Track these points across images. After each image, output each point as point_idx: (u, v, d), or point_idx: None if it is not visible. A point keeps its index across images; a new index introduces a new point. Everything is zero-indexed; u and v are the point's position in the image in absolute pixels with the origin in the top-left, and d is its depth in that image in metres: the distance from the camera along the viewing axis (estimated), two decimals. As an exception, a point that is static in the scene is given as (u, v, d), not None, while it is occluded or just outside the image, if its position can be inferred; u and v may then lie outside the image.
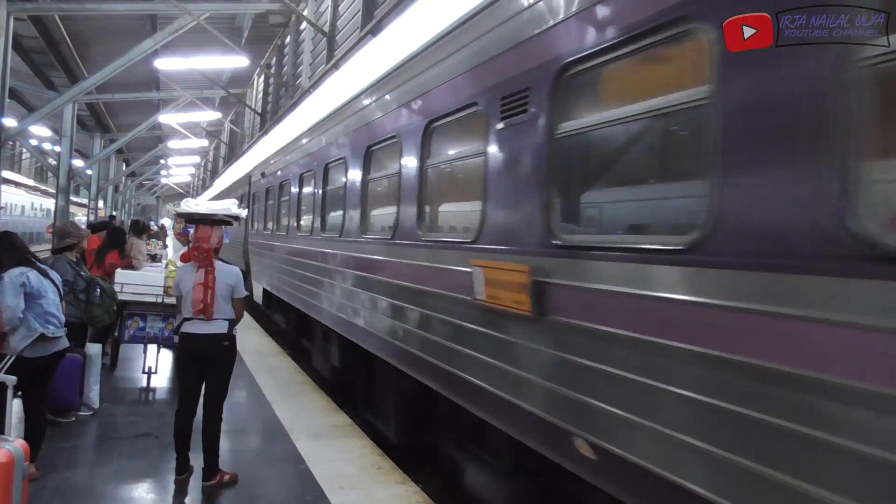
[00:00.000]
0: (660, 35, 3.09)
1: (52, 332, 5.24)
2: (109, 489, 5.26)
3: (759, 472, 2.45)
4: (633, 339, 3.08)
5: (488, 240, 4.46)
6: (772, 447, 2.42)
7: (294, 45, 24.56)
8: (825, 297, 2.29)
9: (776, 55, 2.48)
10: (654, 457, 2.95)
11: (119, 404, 7.54)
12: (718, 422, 2.63)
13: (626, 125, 3.56)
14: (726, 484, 2.59)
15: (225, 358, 5.43)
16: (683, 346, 2.80)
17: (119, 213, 49.76)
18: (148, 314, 8.42)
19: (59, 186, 21.99)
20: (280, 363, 10.51)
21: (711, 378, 2.68)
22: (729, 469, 2.56)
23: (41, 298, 5.23)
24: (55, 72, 23.56)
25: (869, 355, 2.14)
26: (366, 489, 5.41)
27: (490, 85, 4.52)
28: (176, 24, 16.40)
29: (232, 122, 39.77)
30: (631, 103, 3.41)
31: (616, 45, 3.35)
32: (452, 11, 5.25)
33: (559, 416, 3.64)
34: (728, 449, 2.57)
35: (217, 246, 5.54)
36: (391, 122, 6.47)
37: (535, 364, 3.86)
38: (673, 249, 2.93)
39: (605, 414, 3.25)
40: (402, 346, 5.84)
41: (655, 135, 3.66)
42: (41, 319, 5.19)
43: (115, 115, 34.42)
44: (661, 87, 3.33)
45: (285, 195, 12.28)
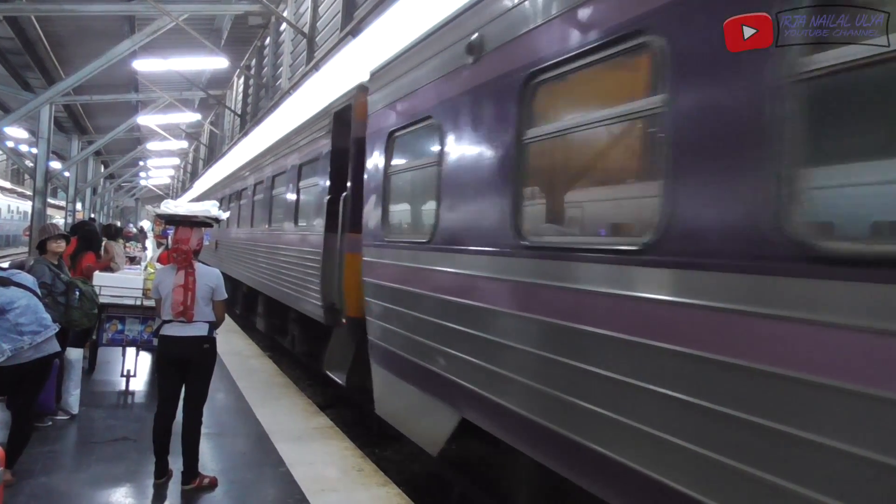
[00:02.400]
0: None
1: (28, 342, 4.95)
2: (87, 494, 5.19)
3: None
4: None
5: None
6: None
7: (274, 46, 24.48)
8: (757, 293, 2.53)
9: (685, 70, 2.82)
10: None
11: (97, 408, 7.45)
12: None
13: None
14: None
15: (205, 361, 5.39)
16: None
17: (98, 215, 49.24)
18: (127, 317, 8.32)
19: (37, 189, 21.69)
20: (260, 365, 10.46)
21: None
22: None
23: (7, 312, 4.93)
24: (32, 73, 23.28)
25: (806, 347, 2.35)
26: (347, 491, 5.40)
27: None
28: (154, 26, 16.27)
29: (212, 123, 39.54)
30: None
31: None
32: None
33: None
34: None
35: (197, 248, 5.49)
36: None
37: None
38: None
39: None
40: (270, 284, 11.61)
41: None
42: (12, 333, 4.89)
43: (93, 117, 34.09)
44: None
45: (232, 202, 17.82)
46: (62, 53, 22.16)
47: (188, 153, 50.52)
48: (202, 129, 41.39)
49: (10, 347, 4.87)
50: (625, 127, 3.67)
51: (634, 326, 3.06)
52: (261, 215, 13.60)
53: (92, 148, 34.62)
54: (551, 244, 3.96)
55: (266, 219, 12.94)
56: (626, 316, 3.13)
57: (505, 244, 4.17)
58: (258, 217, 13.96)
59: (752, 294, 2.53)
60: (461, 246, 4.73)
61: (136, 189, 72.82)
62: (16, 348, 4.89)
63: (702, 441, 2.68)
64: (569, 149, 4.19)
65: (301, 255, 9.33)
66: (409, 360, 5.55)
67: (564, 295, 3.58)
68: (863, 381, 2.16)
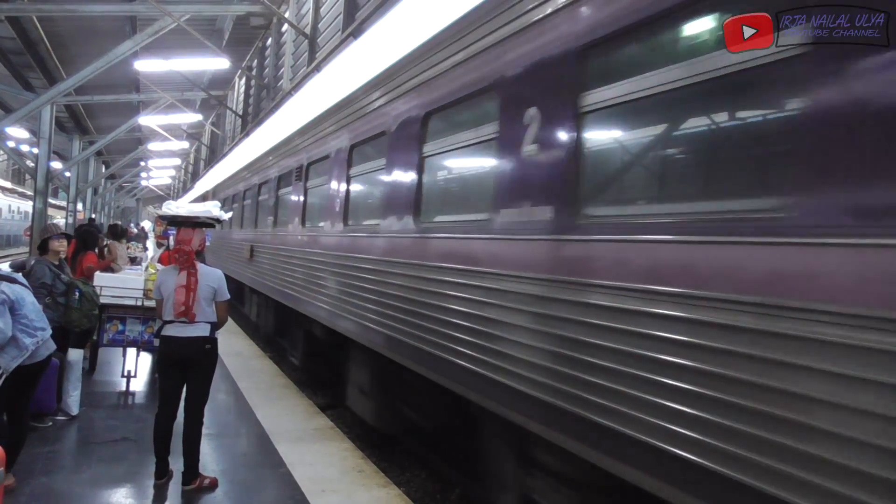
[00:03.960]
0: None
1: (40, 338, 5.00)
2: (87, 494, 5.19)
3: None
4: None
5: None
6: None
7: (275, 47, 24.48)
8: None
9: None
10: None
11: (97, 408, 7.45)
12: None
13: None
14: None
15: (206, 361, 5.39)
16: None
17: (98, 215, 49.25)
18: (127, 317, 8.32)
19: (38, 189, 21.68)
20: (261, 366, 10.45)
21: None
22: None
23: (22, 308, 4.96)
24: (33, 73, 23.27)
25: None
26: (347, 492, 5.39)
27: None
28: (156, 26, 16.28)
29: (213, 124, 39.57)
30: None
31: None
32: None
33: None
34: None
35: (199, 248, 5.50)
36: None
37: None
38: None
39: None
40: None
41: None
42: (29, 330, 4.93)
43: (95, 117, 34.10)
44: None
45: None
46: (63, 53, 22.18)
47: (189, 154, 50.55)
48: (203, 130, 41.41)
49: (32, 342, 4.92)
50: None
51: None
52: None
53: (93, 148, 34.62)
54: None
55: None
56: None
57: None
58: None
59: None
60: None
61: (137, 189, 72.91)
62: (35, 343, 4.94)
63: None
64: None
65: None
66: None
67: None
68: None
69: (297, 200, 10.26)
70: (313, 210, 9.61)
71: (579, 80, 3.72)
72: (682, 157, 3.49)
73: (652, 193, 3.65)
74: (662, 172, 3.58)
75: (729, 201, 2.96)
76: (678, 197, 3.35)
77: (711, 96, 3.08)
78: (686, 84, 3.04)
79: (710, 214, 2.95)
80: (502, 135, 4.43)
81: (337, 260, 7.60)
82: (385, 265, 6.13)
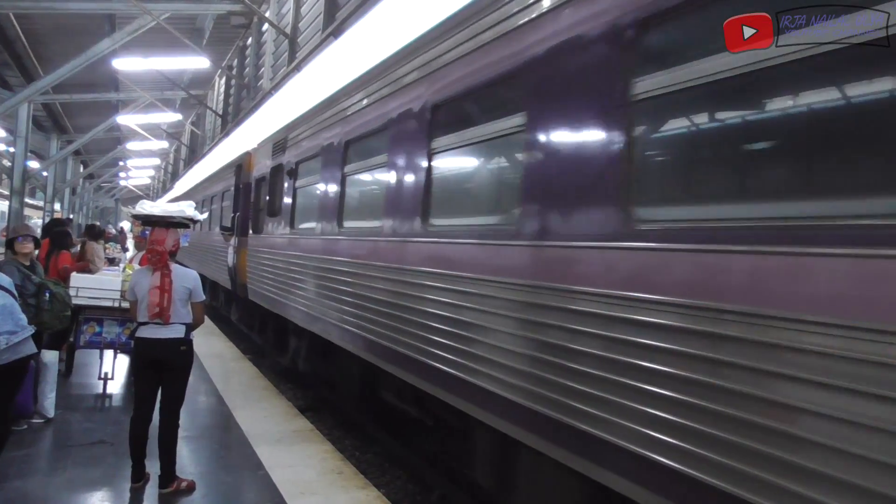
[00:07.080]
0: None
1: (4, 342, 4.86)
2: (63, 498, 5.13)
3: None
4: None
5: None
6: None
7: (256, 46, 24.39)
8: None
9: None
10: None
11: (74, 411, 7.37)
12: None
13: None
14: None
15: (182, 363, 5.34)
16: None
17: (77, 216, 48.71)
18: (104, 319, 8.24)
19: (14, 188, 21.39)
20: (241, 368, 10.39)
21: None
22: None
23: None
24: (10, 71, 23.02)
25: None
26: (326, 494, 5.37)
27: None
28: (135, 24, 16.09)
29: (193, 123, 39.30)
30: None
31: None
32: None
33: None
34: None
35: (173, 249, 5.42)
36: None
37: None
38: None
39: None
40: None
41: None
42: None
43: (73, 116, 33.72)
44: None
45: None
46: (41, 51, 21.93)
47: (169, 153, 50.15)
48: (183, 129, 41.11)
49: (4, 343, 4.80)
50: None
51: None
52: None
53: (71, 147, 34.26)
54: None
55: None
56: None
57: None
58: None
59: None
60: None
61: (116, 189, 72.12)
62: (4, 342, 4.82)
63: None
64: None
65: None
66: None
67: None
68: None
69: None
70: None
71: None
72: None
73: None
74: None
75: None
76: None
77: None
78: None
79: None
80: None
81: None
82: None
